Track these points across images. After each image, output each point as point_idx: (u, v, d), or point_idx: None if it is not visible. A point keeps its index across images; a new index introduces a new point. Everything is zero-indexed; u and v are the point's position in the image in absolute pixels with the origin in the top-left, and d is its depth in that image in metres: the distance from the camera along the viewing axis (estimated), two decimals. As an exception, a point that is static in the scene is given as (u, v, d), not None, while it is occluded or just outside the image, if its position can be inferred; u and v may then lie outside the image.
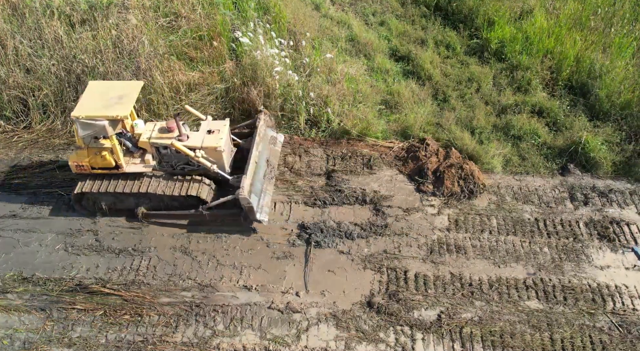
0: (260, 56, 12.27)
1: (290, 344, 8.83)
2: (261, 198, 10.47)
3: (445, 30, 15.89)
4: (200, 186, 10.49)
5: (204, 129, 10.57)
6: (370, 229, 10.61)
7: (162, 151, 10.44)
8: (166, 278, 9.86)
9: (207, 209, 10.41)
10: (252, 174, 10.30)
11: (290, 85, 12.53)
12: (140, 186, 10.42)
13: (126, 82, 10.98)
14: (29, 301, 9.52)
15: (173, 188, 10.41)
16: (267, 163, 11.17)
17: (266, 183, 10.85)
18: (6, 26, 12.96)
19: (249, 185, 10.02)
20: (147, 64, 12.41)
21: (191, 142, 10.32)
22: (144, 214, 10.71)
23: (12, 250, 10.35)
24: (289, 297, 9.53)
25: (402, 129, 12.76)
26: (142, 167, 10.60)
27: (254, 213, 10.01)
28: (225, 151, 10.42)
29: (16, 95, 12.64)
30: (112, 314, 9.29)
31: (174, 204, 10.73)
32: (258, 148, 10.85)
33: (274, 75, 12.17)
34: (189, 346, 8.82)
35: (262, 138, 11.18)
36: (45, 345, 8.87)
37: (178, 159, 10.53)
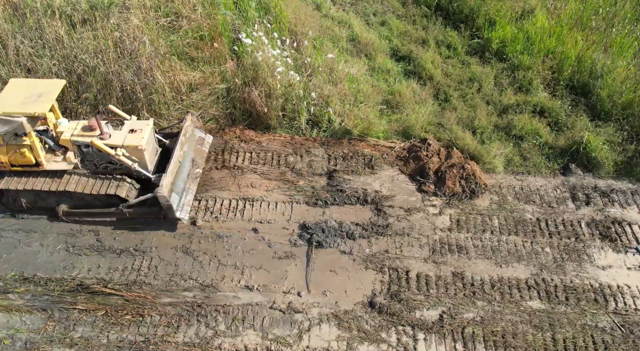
0: (262, 57, 12.25)
1: (292, 344, 8.82)
2: (183, 196, 10.59)
3: (446, 30, 15.88)
4: (121, 185, 10.53)
5: (127, 129, 10.62)
6: (371, 229, 10.60)
7: (84, 149, 10.48)
8: (167, 278, 9.85)
9: (128, 208, 10.46)
10: (173, 173, 10.39)
11: (292, 85, 12.52)
12: (61, 184, 10.42)
13: (48, 80, 11.02)
14: (30, 301, 9.51)
15: (93, 187, 10.45)
16: (193, 163, 11.25)
17: (189, 182, 10.96)
18: (7, 26, 12.93)
19: (168, 184, 10.13)
20: (148, 64, 12.39)
21: (112, 141, 10.37)
22: (64, 213, 10.70)
23: (14, 250, 10.33)
24: (291, 297, 9.53)
25: (404, 129, 12.75)
26: (64, 165, 10.60)
27: (172, 211, 10.16)
28: (147, 150, 10.48)
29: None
30: (113, 314, 9.27)
31: (96, 202, 10.74)
32: (183, 148, 10.92)
33: (275, 75, 12.15)
34: (191, 347, 8.81)
35: (188, 139, 11.24)
36: (46, 345, 8.86)
37: (101, 158, 10.58)
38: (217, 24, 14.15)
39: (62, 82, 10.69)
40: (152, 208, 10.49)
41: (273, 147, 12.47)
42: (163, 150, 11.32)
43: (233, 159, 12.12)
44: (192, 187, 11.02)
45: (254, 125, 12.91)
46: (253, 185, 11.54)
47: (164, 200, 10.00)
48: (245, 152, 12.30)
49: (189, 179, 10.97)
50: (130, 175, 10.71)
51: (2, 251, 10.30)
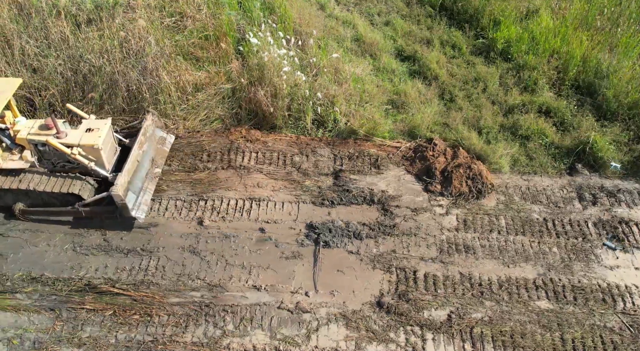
0: (268, 57, 12.25)
1: (300, 344, 8.82)
2: (140, 195, 10.61)
3: (451, 30, 15.89)
4: (79, 184, 10.52)
5: (84, 128, 10.62)
6: (378, 229, 10.60)
7: (41, 148, 10.47)
8: (175, 278, 9.85)
9: (84, 206, 10.48)
10: (129, 173, 10.41)
11: (298, 85, 12.52)
12: (17, 182, 10.40)
13: (3, 79, 10.99)
14: (38, 301, 9.50)
15: (51, 185, 10.43)
16: (152, 162, 11.27)
17: (147, 182, 10.97)
18: (13, 26, 12.92)
19: (124, 183, 10.15)
20: (154, 64, 12.38)
21: (69, 140, 10.36)
22: (21, 211, 10.70)
23: (20, 250, 10.33)
24: (299, 297, 9.53)
25: (409, 129, 12.75)
26: (20, 163, 10.58)
27: (128, 210, 10.19)
28: (104, 149, 10.48)
29: (23, 94, 12.61)
30: (121, 314, 9.27)
31: (53, 201, 10.72)
32: (142, 147, 10.94)
33: (281, 75, 12.15)
34: (199, 346, 8.81)
35: (148, 138, 11.24)
36: (55, 344, 8.85)
37: (58, 157, 10.57)
38: (222, 23, 14.15)
39: (19, 80, 10.65)
40: (108, 206, 10.49)
41: (279, 147, 12.47)
42: (124, 149, 11.28)
43: (239, 159, 12.12)
44: (151, 186, 11.02)
45: (259, 125, 12.91)
46: (259, 185, 11.54)
47: (118, 199, 10.03)
48: (251, 152, 12.30)
49: (147, 179, 10.96)
50: (88, 174, 10.69)
51: (8, 251, 10.29)
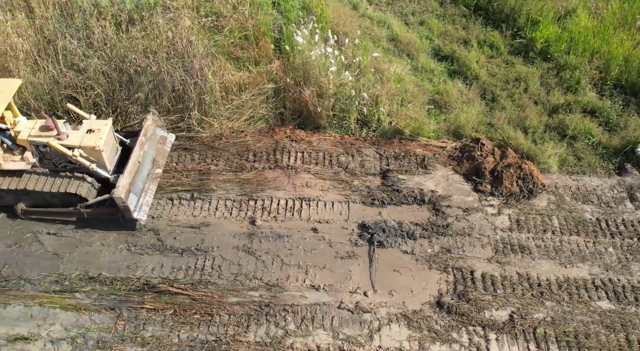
0: (315, 56, 12.25)
1: (363, 344, 8.83)
2: (141, 197, 10.59)
3: (487, 30, 15.85)
4: (81, 184, 10.50)
5: (85, 129, 10.59)
6: (432, 229, 10.59)
7: (42, 149, 10.46)
8: (232, 278, 9.86)
9: (85, 207, 10.46)
10: (131, 174, 10.38)
11: (344, 85, 12.52)
12: (19, 182, 10.41)
13: (3, 80, 10.96)
14: (97, 300, 9.52)
15: (52, 185, 10.42)
16: (153, 163, 11.25)
17: (149, 182, 10.94)
18: (57, 26, 12.94)
19: (126, 185, 10.13)
20: (200, 64, 12.40)
21: (70, 141, 10.34)
22: (23, 211, 10.71)
23: (75, 250, 10.35)
24: (357, 297, 9.53)
25: (453, 128, 12.74)
26: (22, 165, 10.59)
27: (130, 212, 10.18)
28: (105, 150, 10.46)
29: (68, 94, 12.64)
30: (182, 313, 9.29)
31: (55, 201, 10.71)
32: (143, 148, 10.90)
33: (328, 75, 12.14)
34: (263, 346, 8.82)
35: (149, 138, 11.21)
36: (118, 344, 8.88)
37: (59, 157, 10.55)
38: (259, 23, 14.16)
39: (18, 81, 10.61)
40: (110, 208, 10.46)
41: (324, 147, 12.48)
42: (125, 149, 11.27)
43: (285, 159, 12.12)
44: (152, 187, 10.99)
45: (303, 125, 12.91)
46: (308, 185, 11.54)
47: (120, 201, 10.01)
48: (296, 152, 12.30)
49: (148, 180, 10.94)
50: (90, 174, 10.67)
51: (64, 251, 10.32)
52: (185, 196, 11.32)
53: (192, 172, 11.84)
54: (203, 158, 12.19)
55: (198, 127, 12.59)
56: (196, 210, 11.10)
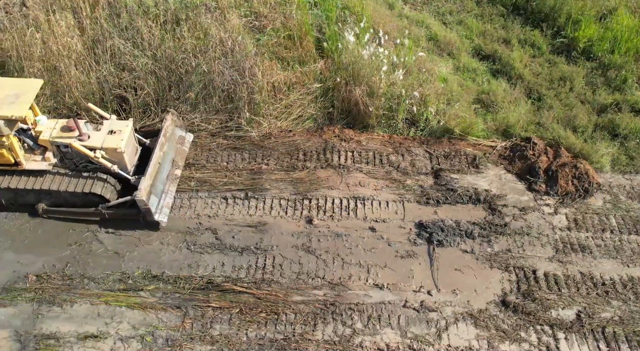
0: (367, 55, 12.27)
1: (432, 343, 8.84)
2: (162, 198, 10.62)
3: (526, 30, 15.83)
4: (101, 184, 10.54)
5: (106, 129, 10.62)
6: (490, 229, 10.60)
7: (63, 149, 10.49)
8: (294, 277, 9.88)
9: (107, 208, 10.50)
10: (152, 176, 10.40)
11: (394, 84, 12.53)
12: (39, 182, 10.44)
13: (25, 80, 10.91)
14: (162, 299, 9.56)
15: (73, 185, 10.46)
16: (173, 164, 11.27)
17: (169, 184, 10.95)
18: (106, 26, 12.98)
19: (147, 187, 10.13)
20: (249, 63, 12.43)
21: (91, 143, 10.37)
22: (44, 210, 10.74)
23: (135, 248, 10.39)
24: (422, 296, 9.55)
25: (502, 128, 12.73)
26: (43, 165, 10.61)
27: (151, 214, 10.21)
28: (126, 151, 10.49)
29: (118, 94, 12.69)
30: (248, 312, 9.32)
31: (75, 201, 10.74)
32: (162, 149, 10.92)
33: (380, 74, 12.16)
34: (332, 345, 8.84)
35: (168, 138, 11.23)
36: (187, 342, 8.91)
37: (80, 157, 10.59)
38: (301, 23, 14.17)
39: (40, 81, 10.57)
40: (131, 209, 10.48)
41: (373, 146, 12.48)
42: (143, 148, 11.30)
43: (336, 158, 12.14)
44: (172, 189, 11.02)
45: (351, 124, 12.93)
46: (361, 184, 11.56)
47: (142, 204, 10.04)
48: (346, 151, 12.31)
49: (168, 181, 10.97)
50: (110, 174, 10.69)
51: (124, 249, 10.36)
52: (239, 195, 11.35)
53: (244, 172, 11.87)
54: (253, 157, 12.22)
55: (247, 127, 12.61)
56: (251, 209, 11.13)
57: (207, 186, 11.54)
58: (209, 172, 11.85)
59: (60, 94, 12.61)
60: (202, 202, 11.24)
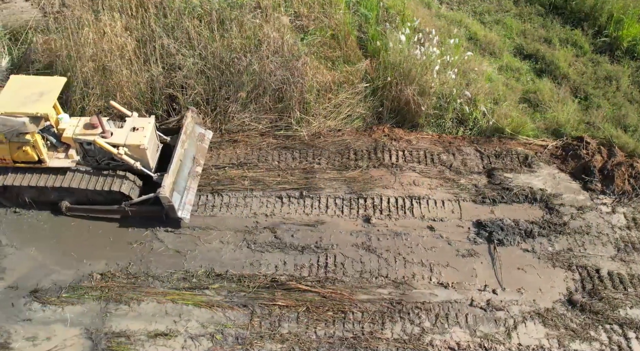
0: (419, 54, 12.28)
1: (503, 342, 8.85)
2: (184, 195, 10.65)
3: (566, 29, 15.80)
4: (124, 182, 10.57)
5: (129, 127, 10.67)
6: (549, 228, 10.59)
7: (86, 146, 10.54)
8: (357, 275, 9.91)
9: (130, 206, 10.54)
10: (174, 173, 10.44)
11: (444, 83, 12.54)
12: (63, 180, 10.48)
13: (49, 78, 11.02)
14: (228, 297, 9.59)
15: (96, 183, 10.50)
16: (193, 161, 11.31)
17: (190, 181, 11.00)
18: (154, 26, 13.03)
19: (170, 184, 10.18)
20: (302, 63, 12.46)
21: (115, 140, 10.43)
22: (67, 208, 10.79)
23: (196, 247, 10.43)
24: (487, 295, 9.56)
25: (552, 127, 12.73)
26: (66, 162, 10.66)
27: (174, 211, 10.24)
28: (149, 148, 10.54)
29: (169, 94, 12.73)
30: (314, 311, 9.35)
31: (98, 199, 10.79)
32: (184, 146, 10.98)
33: (432, 73, 12.18)
34: (402, 343, 8.86)
35: (189, 136, 11.28)
36: (257, 340, 8.95)
37: (103, 155, 10.65)
38: (344, 22, 14.19)
39: (63, 79, 10.68)
40: (154, 206, 10.54)
41: (423, 145, 12.49)
42: (164, 146, 11.35)
43: (387, 157, 12.15)
44: (193, 185, 11.07)
45: (400, 123, 12.94)
46: (415, 183, 11.57)
47: (166, 201, 10.08)
48: (397, 150, 12.33)
49: (189, 178, 11.02)
50: (132, 171, 10.75)
51: (185, 248, 10.40)
52: (294, 194, 11.37)
53: (296, 171, 11.90)
54: (304, 156, 12.25)
55: (296, 126, 12.64)
56: (307, 208, 11.15)
57: (261, 185, 11.57)
58: (261, 172, 11.88)
59: (110, 93, 12.65)
60: (257, 201, 11.28)
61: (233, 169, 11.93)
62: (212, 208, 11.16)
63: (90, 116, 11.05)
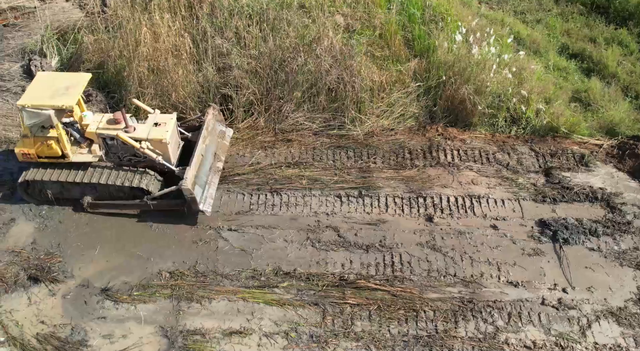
0: (477, 54, 12.29)
1: (578, 340, 8.83)
2: (205, 189, 10.73)
3: (611, 28, 15.76)
4: (146, 177, 10.68)
5: (151, 122, 10.76)
6: (613, 227, 10.57)
7: (109, 142, 10.62)
8: (425, 274, 9.92)
9: (152, 200, 10.59)
10: (196, 166, 10.53)
11: (500, 82, 12.54)
12: (86, 175, 10.58)
13: (74, 74, 11.19)
14: (298, 295, 9.62)
15: (118, 179, 10.59)
16: (215, 156, 11.38)
17: (211, 175, 11.08)
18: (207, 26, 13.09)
19: (192, 177, 10.27)
20: (356, 61, 12.49)
21: (137, 134, 10.51)
22: (89, 204, 10.87)
23: (261, 246, 10.47)
24: (558, 293, 9.54)
25: (606, 126, 12.70)
26: (89, 157, 10.75)
27: (196, 203, 10.31)
28: (171, 143, 10.62)
29: (222, 93, 12.79)
30: (386, 309, 9.36)
31: (120, 194, 10.87)
32: (205, 141, 11.05)
33: (490, 73, 12.18)
34: (477, 342, 8.87)
35: (210, 132, 11.37)
36: (332, 338, 8.96)
37: (125, 151, 10.71)
38: (391, 22, 14.20)
39: (88, 75, 10.84)
40: (175, 200, 10.61)
41: (477, 144, 12.50)
42: (185, 143, 11.43)
43: (442, 156, 12.17)
44: (214, 180, 11.16)
45: (453, 122, 12.95)
46: (474, 182, 11.58)
47: (188, 193, 10.13)
48: (452, 149, 12.34)
49: (211, 172, 11.11)
50: (153, 168, 10.84)
51: (250, 247, 10.44)
52: (353, 194, 11.40)
53: (353, 170, 11.93)
54: (359, 156, 12.27)
55: (350, 125, 12.67)
56: (367, 207, 11.18)
57: (319, 184, 11.61)
58: (318, 171, 11.92)
59: (165, 93, 12.73)
60: (316, 200, 11.31)
61: (289, 168, 11.97)
62: (272, 207, 11.20)
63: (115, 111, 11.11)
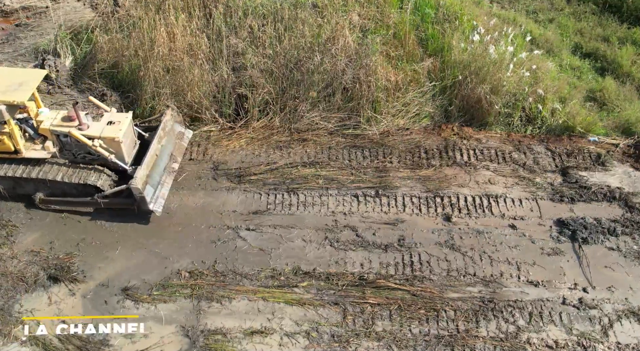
0: (495, 53, 12.28)
1: (600, 340, 8.82)
2: (158, 189, 10.73)
3: (623, 27, 15.73)
4: (98, 175, 10.66)
5: (106, 120, 10.75)
6: (632, 226, 10.56)
7: (63, 139, 10.59)
8: (445, 274, 9.91)
9: (103, 198, 10.61)
10: (148, 166, 10.55)
11: (518, 81, 12.52)
12: (39, 172, 10.56)
13: (28, 70, 11.14)
14: (318, 295, 9.61)
15: (71, 176, 10.58)
16: (170, 157, 11.38)
17: (165, 175, 11.08)
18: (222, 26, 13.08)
19: (143, 176, 10.29)
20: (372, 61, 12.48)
21: (90, 132, 10.49)
22: (41, 200, 10.85)
23: (279, 245, 10.46)
24: (578, 293, 9.53)
25: (622, 125, 12.68)
26: (42, 153, 10.73)
27: (146, 203, 10.31)
28: (124, 142, 10.60)
29: (239, 93, 12.78)
30: (406, 309, 9.35)
31: (72, 191, 10.84)
32: (161, 142, 11.07)
33: (507, 72, 12.16)
34: (499, 341, 8.86)
35: (167, 133, 11.36)
36: (353, 338, 8.96)
37: (79, 148, 10.69)
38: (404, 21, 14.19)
39: (43, 72, 10.78)
40: (126, 199, 10.61)
41: (493, 144, 12.49)
42: (143, 143, 11.39)
43: (459, 156, 12.16)
44: (168, 180, 11.13)
45: (468, 122, 12.93)
46: (491, 182, 11.56)
47: (137, 192, 10.17)
48: (467, 149, 12.33)
49: (165, 173, 11.10)
50: (107, 166, 10.83)
51: (269, 246, 10.43)
52: (370, 193, 11.39)
53: (369, 170, 11.92)
54: (375, 155, 12.26)
55: (365, 125, 12.67)
56: (384, 207, 11.17)
57: (336, 183, 11.60)
58: (334, 170, 11.91)
59: (181, 92, 12.73)
60: (333, 199, 11.30)
61: (305, 168, 11.96)
62: (290, 207, 11.19)
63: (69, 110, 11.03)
